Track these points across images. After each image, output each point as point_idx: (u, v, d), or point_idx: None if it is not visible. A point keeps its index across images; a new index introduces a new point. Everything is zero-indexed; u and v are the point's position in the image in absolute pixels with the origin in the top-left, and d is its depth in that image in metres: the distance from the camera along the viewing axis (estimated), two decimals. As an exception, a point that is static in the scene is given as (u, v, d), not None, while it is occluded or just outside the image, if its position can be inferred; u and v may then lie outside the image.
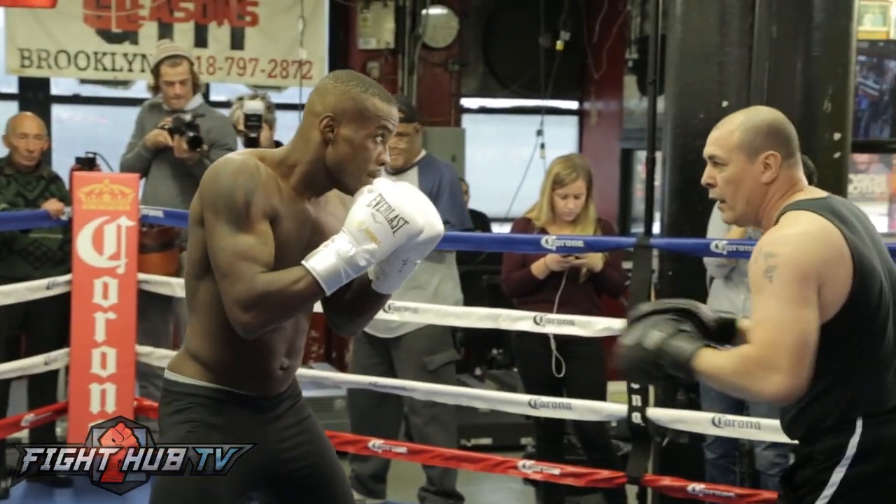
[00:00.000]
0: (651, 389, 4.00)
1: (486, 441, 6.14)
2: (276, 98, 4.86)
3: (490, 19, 8.01)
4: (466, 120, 8.13)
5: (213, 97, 7.37)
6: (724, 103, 4.07)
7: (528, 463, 4.11)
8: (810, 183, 3.81)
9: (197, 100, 5.10)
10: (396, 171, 4.28)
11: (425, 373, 4.30)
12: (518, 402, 4.18)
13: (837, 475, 2.25)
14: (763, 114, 2.46)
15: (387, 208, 2.14)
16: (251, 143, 4.49)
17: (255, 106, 4.55)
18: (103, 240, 4.53)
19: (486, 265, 6.50)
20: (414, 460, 4.31)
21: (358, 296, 2.35)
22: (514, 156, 7.76)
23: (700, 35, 4.12)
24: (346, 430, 4.45)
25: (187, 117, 4.83)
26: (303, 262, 2.17)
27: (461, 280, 4.59)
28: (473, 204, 7.23)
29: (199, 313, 2.30)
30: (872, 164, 7.30)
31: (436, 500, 4.44)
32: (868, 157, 7.20)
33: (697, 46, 4.13)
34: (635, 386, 3.84)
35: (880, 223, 7.41)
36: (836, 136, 4.09)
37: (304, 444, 2.43)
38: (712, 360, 2.26)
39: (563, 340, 4.23)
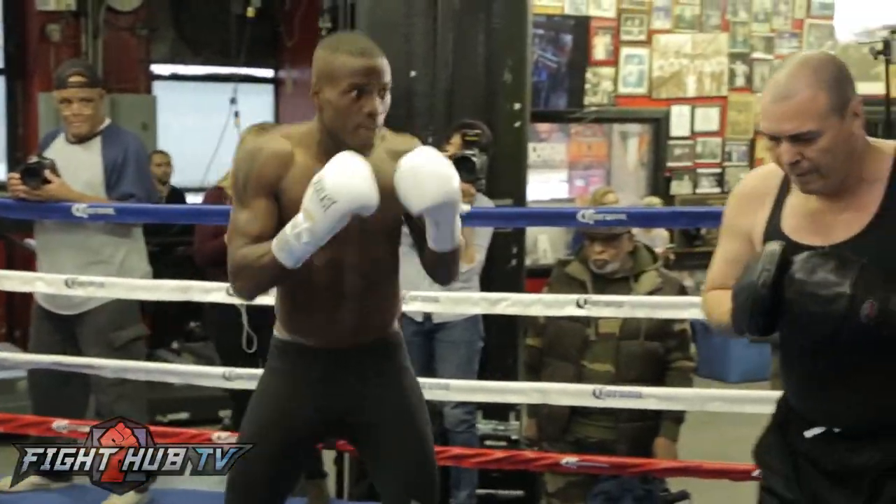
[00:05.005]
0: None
1: (184, 416, 6.03)
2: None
3: (179, -17, 7.80)
4: (158, 87, 7.89)
5: None
6: (412, 73, 4.15)
7: (224, 435, 4.05)
8: (487, 149, 4.01)
9: None
10: (80, 140, 4.08)
11: (112, 350, 4.14)
12: (211, 375, 4.10)
13: None
14: (819, 60, 1.97)
15: (321, 188, 2.16)
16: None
17: None
18: None
19: (184, 237, 6.33)
20: (104, 440, 4.16)
21: (428, 253, 2.40)
22: (209, 124, 7.59)
23: (387, 4, 4.17)
24: (28, 413, 4.22)
25: None
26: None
27: (158, 254, 4.45)
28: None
29: None
30: (553, 133, 7.69)
31: (129, 479, 4.30)
32: (549, 126, 7.58)
33: (384, 16, 4.17)
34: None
35: (560, 189, 7.84)
36: (517, 105, 4.28)
37: (377, 398, 2.51)
38: None
39: (255, 312, 4.20)
